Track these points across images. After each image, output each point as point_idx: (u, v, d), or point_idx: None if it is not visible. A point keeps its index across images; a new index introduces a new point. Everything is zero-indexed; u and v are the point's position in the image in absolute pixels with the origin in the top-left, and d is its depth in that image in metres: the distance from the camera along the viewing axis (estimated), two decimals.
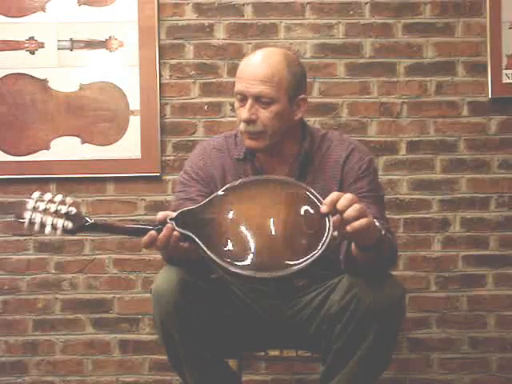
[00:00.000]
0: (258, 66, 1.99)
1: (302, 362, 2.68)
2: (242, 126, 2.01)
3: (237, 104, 2.02)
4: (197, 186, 2.04)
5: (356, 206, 1.70)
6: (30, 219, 1.73)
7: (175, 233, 1.76)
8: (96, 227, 1.78)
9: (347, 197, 1.72)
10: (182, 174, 2.13)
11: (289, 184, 1.87)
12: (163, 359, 2.64)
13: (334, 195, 1.73)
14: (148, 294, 2.02)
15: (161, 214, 1.79)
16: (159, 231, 1.77)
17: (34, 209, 1.75)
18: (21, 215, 1.73)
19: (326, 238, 1.71)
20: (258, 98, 1.97)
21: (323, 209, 1.72)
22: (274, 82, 1.97)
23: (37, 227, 1.73)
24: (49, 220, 1.74)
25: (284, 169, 2.07)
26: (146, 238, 1.78)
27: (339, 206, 1.70)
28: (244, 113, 1.99)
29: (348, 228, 1.70)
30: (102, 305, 2.85)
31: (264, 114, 1.98)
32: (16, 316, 2.85)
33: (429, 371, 2.84)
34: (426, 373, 2.84)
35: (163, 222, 1.77)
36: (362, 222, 1.70)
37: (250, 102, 1.98)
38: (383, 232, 1.82)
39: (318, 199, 1.77)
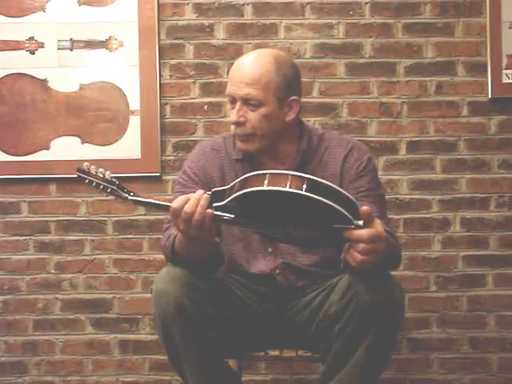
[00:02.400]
0: (246, 68, 2.00)
1: (301, 361, 2.67)
2: (232, 129, 2.02)
3: (228, 106, 2.04)
4: (195, 187, 2.03)
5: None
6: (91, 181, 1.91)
7: (205, 195, 1.78)
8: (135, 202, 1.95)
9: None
10: (180, 175, 2.13)
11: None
12: (163, 359, 2.65)
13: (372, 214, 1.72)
14: (148, 294, 2.02)
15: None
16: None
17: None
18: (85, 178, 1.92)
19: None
20: (245, 101, 1.98)
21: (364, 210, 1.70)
22: (261, 84, 1.97)
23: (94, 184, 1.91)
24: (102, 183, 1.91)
25: (282, 169, 2.06)
26: (181, 198, 1.79)
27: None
28: (233, 115, 2.00)
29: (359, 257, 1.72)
30: (101, 305, 2.85)
31: (253, 117, 1.99)
32: (16, 316, 2.85)
33: (429, 371, 2.84)
34: (426, 373, 2.84)
35: None
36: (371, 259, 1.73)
37: (238, 104, 2.00)
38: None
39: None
